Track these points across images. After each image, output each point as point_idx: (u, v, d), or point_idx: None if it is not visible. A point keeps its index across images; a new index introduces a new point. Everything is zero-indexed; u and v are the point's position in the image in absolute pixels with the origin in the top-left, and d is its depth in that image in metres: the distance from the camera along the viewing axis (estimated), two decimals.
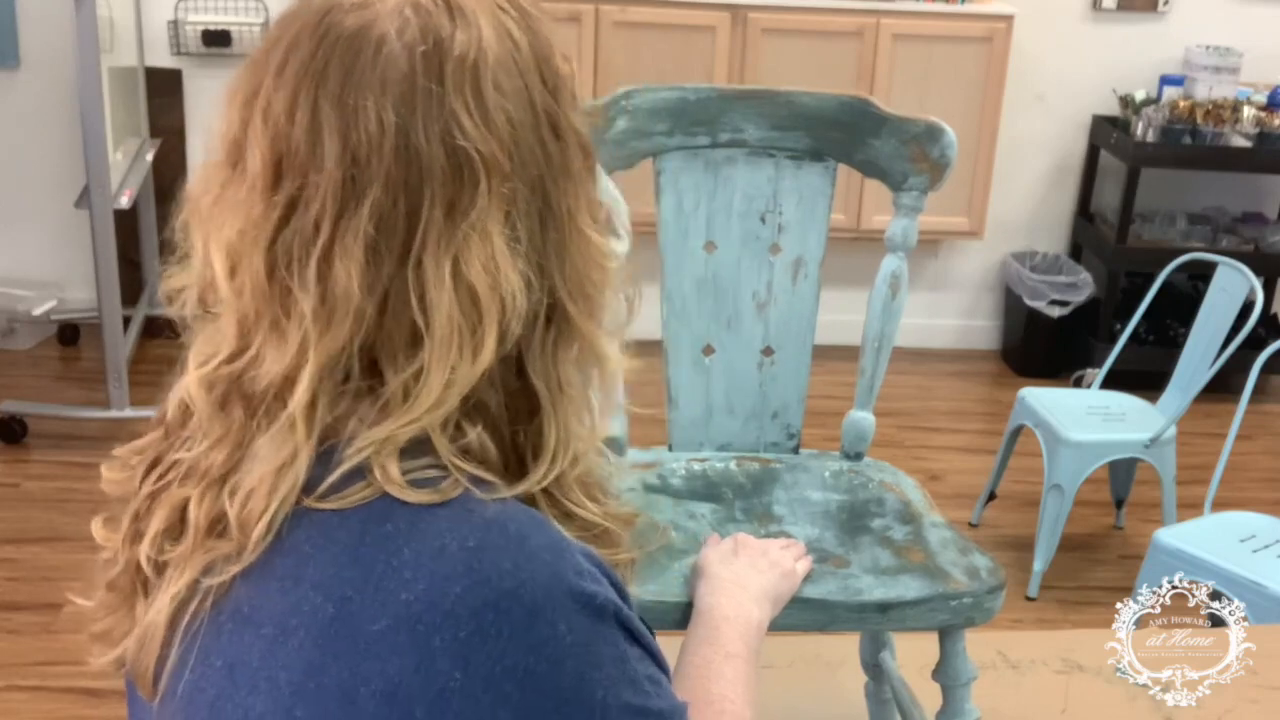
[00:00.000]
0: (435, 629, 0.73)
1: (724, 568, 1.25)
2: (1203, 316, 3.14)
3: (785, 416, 1.59)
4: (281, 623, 0.76)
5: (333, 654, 0.74)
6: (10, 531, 2.94)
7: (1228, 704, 1.63)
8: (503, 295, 0.77)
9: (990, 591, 1.31)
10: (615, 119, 1.49)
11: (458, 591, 0.74)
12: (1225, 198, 4.50)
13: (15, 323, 4.10)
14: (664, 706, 0.82)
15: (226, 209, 0.79)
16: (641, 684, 0.80)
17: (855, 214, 4.14)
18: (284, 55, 0.78)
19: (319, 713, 0.75)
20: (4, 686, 2.53)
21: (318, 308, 0.76)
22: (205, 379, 0.80)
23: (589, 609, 0.77)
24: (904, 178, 1.51)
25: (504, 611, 0.74)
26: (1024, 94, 4.33)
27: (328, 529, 0.77)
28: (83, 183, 3.44)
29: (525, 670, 0.74)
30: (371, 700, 0.74)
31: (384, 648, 0.74)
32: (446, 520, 0.76)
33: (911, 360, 4.38)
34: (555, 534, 0.79)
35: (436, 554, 0.75)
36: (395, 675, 0.73)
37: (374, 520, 0.76)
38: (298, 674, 0.75)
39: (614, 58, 3.98)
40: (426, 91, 0.76)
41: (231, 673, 0.77)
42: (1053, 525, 3.07)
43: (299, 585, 0.76)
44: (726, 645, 1.13)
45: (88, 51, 3.19)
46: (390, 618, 0.74)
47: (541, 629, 0.75)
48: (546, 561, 0.76)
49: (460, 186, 0.77)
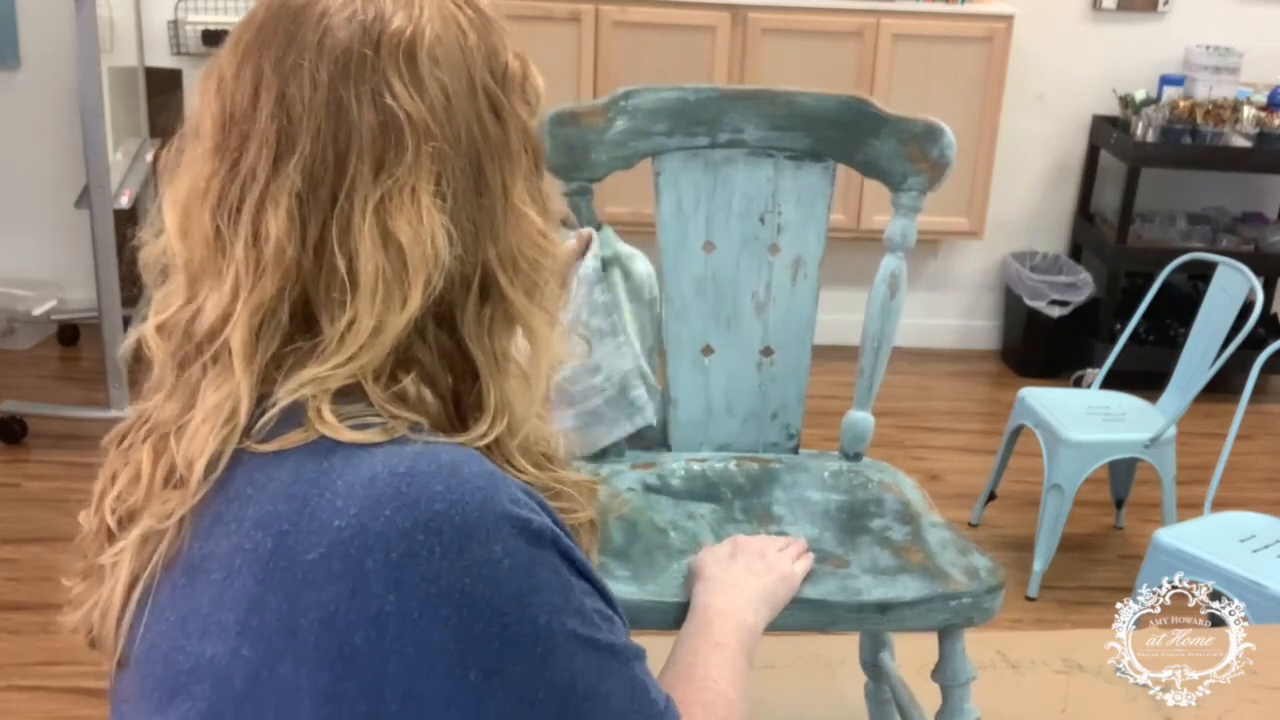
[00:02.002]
0: (367, 551, 0.74)
1: (721, 570, 1.25)
2: (1203, 316, 3.14)
3: (784, 417, 1.59)
4: (227, 565, 0.78)
5: (272, 588, 0.76)
6: (10, 531, 2.94)
7: (1228, 704, 1.63)
8: (425, 249, 0.80)
9: (990, 591, 1.31)
10: (615, 119, 1.49)
11: (387, 514, 0.75)
12: (1225, 198, 4.50)
13: (15, 323, 4.10)
14: (615, 642, 0.82)
15: (182, 171, 0.85)
16: (590, 616, 0.80)
17: (855, 214, 4.14)
18: (240, 31, 0.85)
19: (263, 648, 0.76)
20: (4, 686, 2.53)
21: (247, 254, 0.80)
22: (159, 326, 0.84)
23: (526, 533, 0.77)
24: (903, 178, 1.51)
25: (434, 531, 0.74)
26: (1024, 94, 4.33)
27: (268, 470, 0.79)
28: (83, 183, 3.44)
29: (461, 592, 0.74)
30: (311, 631, 0.74)
31: (319, 575, 0.75)
32: (381, 455, 0.78)
33: (911, 360, 4.38)
34: (491, 466, 0.80)
35: (368, 482, 0.76)
36: (331, 602, 0.74)
37: (310, 458, 0.78)
38: (242, 612, 0.76)
39: (614, 58, 3.98)
40: (361, 57, 0.81)
41: (184, 623, 0.79)
42: (1053, 525, 3.07)
43: (242, 526, 0.78)
44: (717, 637, 1.13)
45: (88, 51, 3.19)
46: (324, 545, 0.75)
47: (475, 550, 0.75)
48: (479, 486, 0.77)
49: (388, 145, 0.81)
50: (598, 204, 1.52)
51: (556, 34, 3.90)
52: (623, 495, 1.39)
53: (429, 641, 0.74)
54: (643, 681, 0.84)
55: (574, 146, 1.47)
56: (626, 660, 0.83)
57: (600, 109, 1.49)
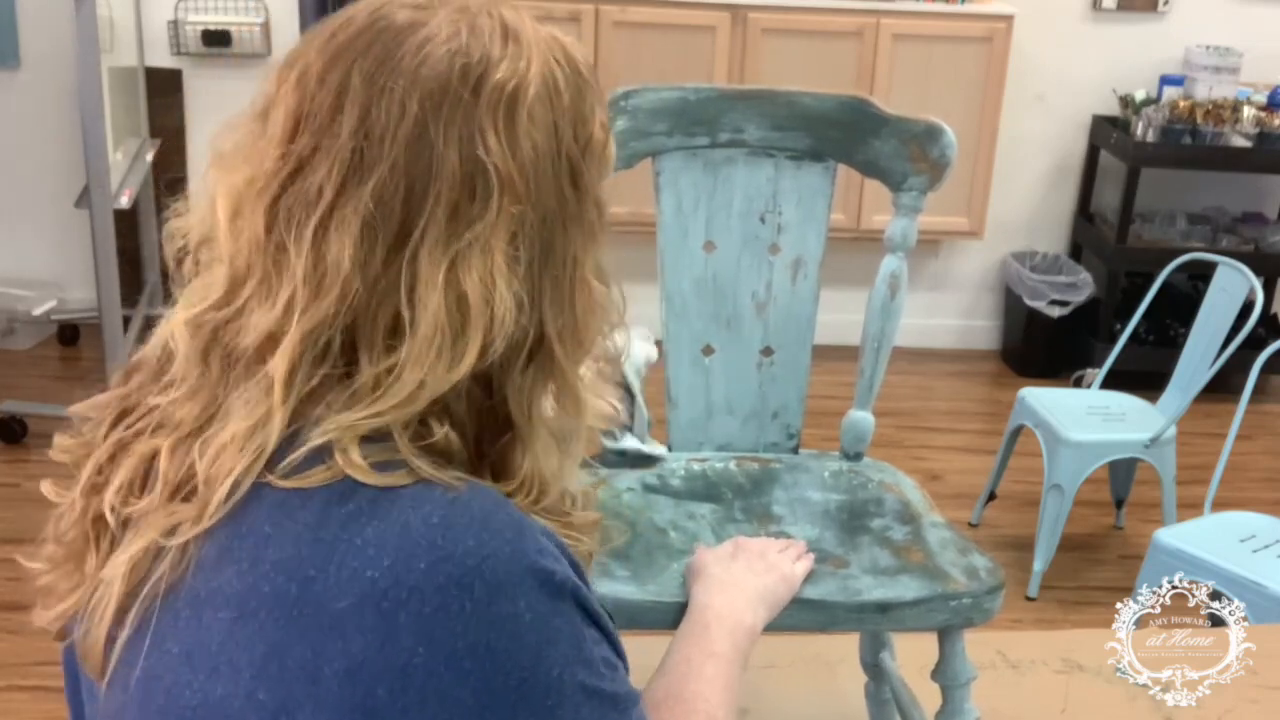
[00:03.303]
0: (401, 605, 0.73)
1: (721, 569, 1.25)
2: (1203, 316, 3.14)
3: (785, 416, 1.59)
4: (241, 605, 0.76)
5: (296, 633, 0.74)
6: (10, 531, 2.93)
7: (1228, 704, 1.63)
8: (494, 309, 0.78)
9: (990, 591, 1.31)
10: (615, 119, 1.49)
11: (422, 567, 0.74)
12: (1225, 198, 4.50)
13: (15, 323, 4.10)
14: (617, 691, 0.82)
15: (241, 157, 0.81)
16: (596, 665, 0.80)
17: (855, 214, 4.14)
18: (334, 31, 0.81)
19: (282, 694, 0.74)
20: (4, 686, 2.53)
21: (309, 272, 0.77)
22: (192, 321, 0.81)
23: (548, 587, 0.77)
24: (904, 178, 1.51)
25: (467, 588, 0.74)
26: (1024, 94, 4.33)
27: (289, 509, 0.77)
28: (83, 183, 3.44)
29: (486, 647, 0.74)
30: (335, 679, 0.73)
31: (348, 625, 0.74)
32: (409, 499, 0.76)
33: (911, 360, 4.38)
34: (516, 512, 0.79)
35: (401, 531, 0.75)
36: (359, 653, 0.73)
37: (335, 501, 0.76)
38: (259, 655, 0.75)
39: (614, 58, 3.98)
40: (457, 97, 0.78)
41: (189, 659, 0.77)
42: (1053, 525, 3.07)
43: (258, 566, 0.76)
44: (712, 645, 1.13)
45: (88, 51, 3.19)
46: (355, 595, 0.74)
47: (503, 606, 0.74)
48: (509, 539, 0.76)
49: (470, 195, 0.78)
50: None
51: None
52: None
53: (450, 695, 0.74)
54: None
55: None
56: (625, 709, 0.83)
57: None
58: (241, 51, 4.02)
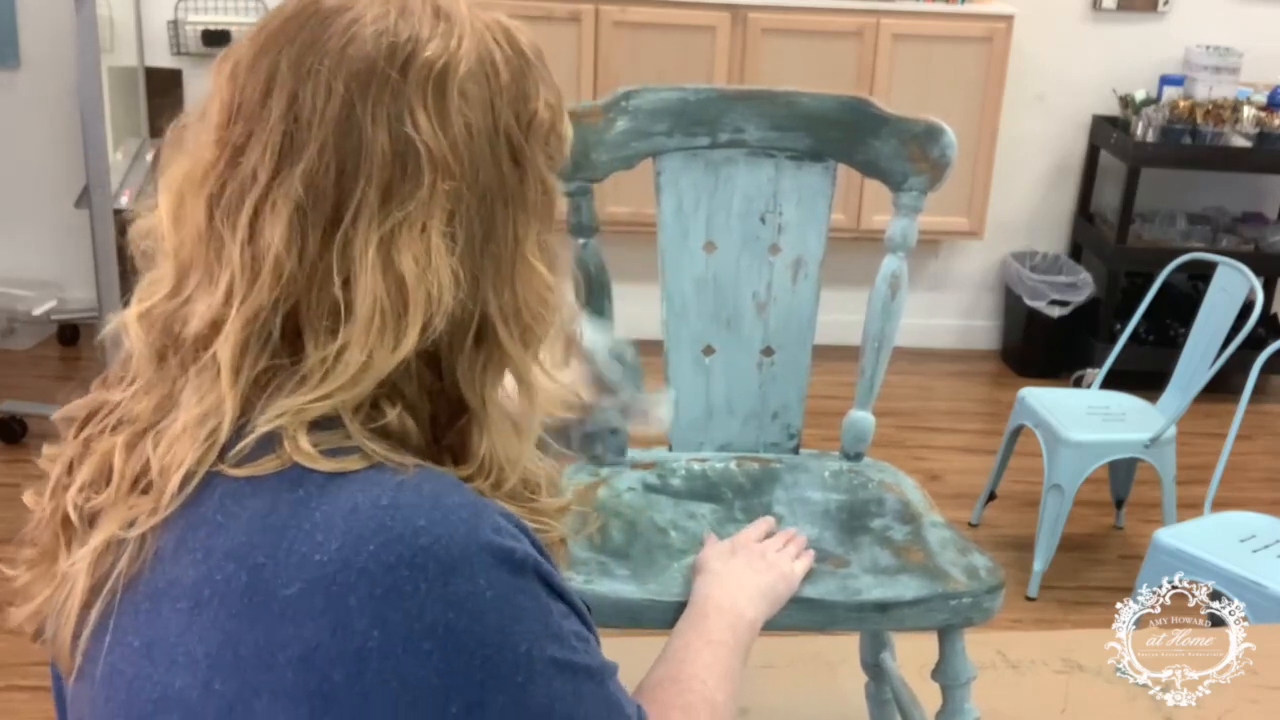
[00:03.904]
0: (350, 588, 0.73)
1: (721, 564, 1.25)
2: (1203, 316, 3.14)
3: (785, 416, 1.59)
4: (196, 595, 0.76)
5: (248, 622, 0.74)
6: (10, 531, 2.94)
7: (1228, 704, 1.63)
8: (429, 289, 0.78)
9: (990, 591, 1.31)
10: (615, 119, 1.49)
11: (371, 549, 0.73)
12: (1225, 198, 4.50)
13: (15, 323, 4.10)
14: (591, 663, 0.81)
15: (183, 154, 0.82)
16: (567, 639, 0.80)
17: (855, 214, 4.14)
18: (265, 21, 0.82)
19: (238, 683, 0.74)
20: (4, 686, 2.53)
21: (245, 258, 0.78)
22: (143, 316, 0.81)
23: (508, 563, 0.76)
24: (904, 178, 1.51)
25: (419, 567, 0.73)
26: (1024, 94, 4.33)
27: (240, 498, 0.77)
28: (83, 183, 3.44)
29: (445, 627, 0.73)
30: (289, 666, 0.73)
31: (299, 611, 0.73)
32: (359, 483, 0.76)
33: (911, 360, 4.38)
34: (471, 494, 0.79)
35: (349, 514, 0.74)
36: (311, 638, 0.73)
37: (285, 488, 0.76)
38: (214, 645, 0.75)
39: (614, 58, 3.98)
40: (384, 77, 0.78)
41: (149, 651, 0.77)
42: (1053, 525, 3.07)
43: (211, 556, 0.76)
44: (711, 633, 1.13)
45: (88, 51, 3.19)
46: (304, 580, 0.73)
47: (460, 584, 0.74)
48: (462, 518, 0.76)
49: (402, 174, 0.78)
50: (598, 204, 1.52)
51: (556, 34, 3.90)
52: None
53: (412, 676, 0.73)
54: (616, 699, 0.84)
55: (574, 147, 1.46)
56: (601, 680, 0.82)
57: (600, 109, 1.49)
58: None
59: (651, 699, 1.00)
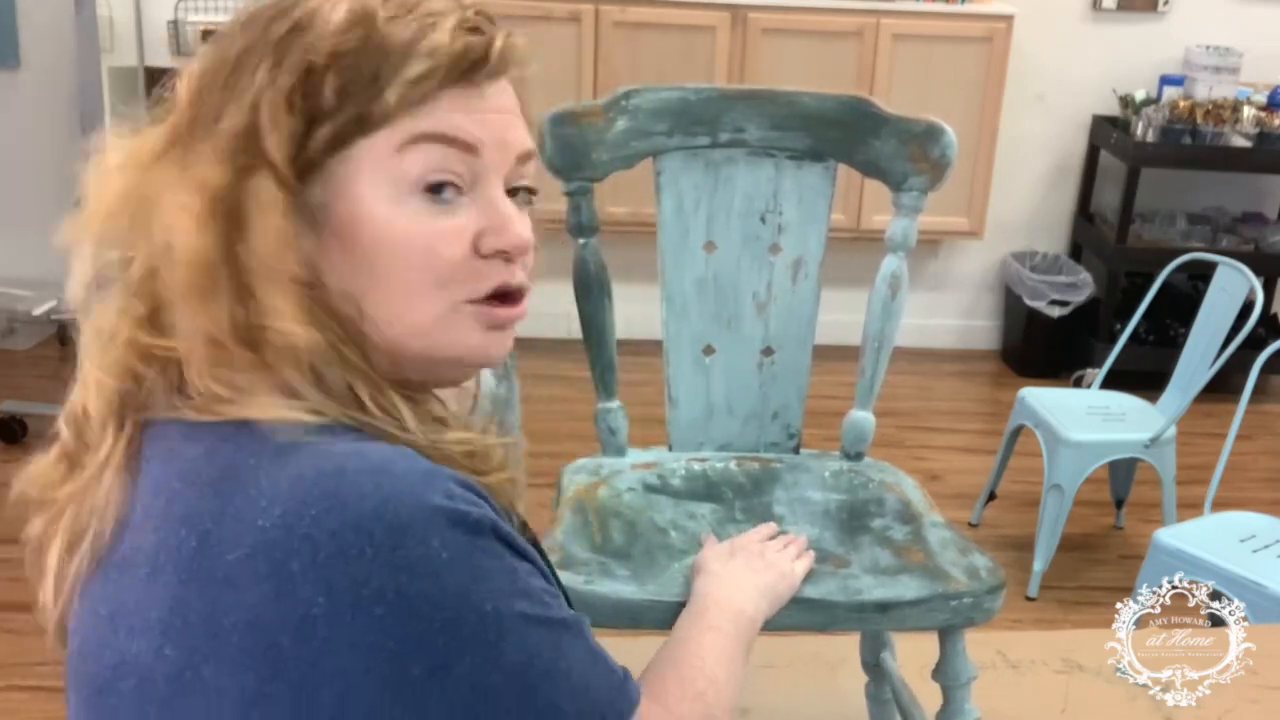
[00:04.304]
0: (293, 553, 0.72)
1: (720, 564, 1.25)
2: (1203, 316, 3.14)
3: (785, 416, 1.59)
4: (153, 561, 0.77)
5: (196, 588, 0.74)
6: (10, 531, 2.94)
7: (1228, 704, 1.63)
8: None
9: (990, 591, 1.31)
10: (615, 119, 1.49)
11: (314, 514, 0.73)
12: (1225, 198, 4.50)
13: (15, 323, 4.10)
14: (565, 616, 0.81)
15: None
16: (538, 595, 0.79)
17: (855, 214, 4.14)
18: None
19: (186, 649, 0.74)
20: (4, 686, 2.53)
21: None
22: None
23: (463, 525, 0.76)
24: (904, 178, 1.51)
25: (365, 532, 0.73)
26: (1024, 94, 4.33)
27: (196, 466, 0.78)
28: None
29: (397, 591, 0.73)
30: (235, 632, 0.73)
31: (243, 577, 0.73)
32: (309, 452, 0.76)
33: (911, 360, 4.38)
34: (425, 464, 0.78)
35: (294, 480, 0.74)
36: (255, 604, 0.73)
37: (241, 454, 0.77)
38: (165, 610, 0.75)
39: (614, 58, 3.98)
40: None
41: (112, 620, 0.78)
42: (1053, 525, 3.07)
43: (167, 522, 0.77)
44: (710, 622, 1.13)
45: (88, 51, 3.19)
46: (248, 546, 0.73)
47: (411, 547, 0.73)
48: (411, 484, 0.75)
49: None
50: (598, 204, 1.52)
51: (556, 34, 3.90)
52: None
53: (364, 642, 0.72)
54: (600, 651, 0.83)
55: (574, 146, 1.47)
56: (580, 632, 0.82)
57: (600, 109, 1.49)
58: None
59: (647, 679, 1.00)
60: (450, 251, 0.83)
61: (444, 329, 0.85)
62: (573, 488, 1.45)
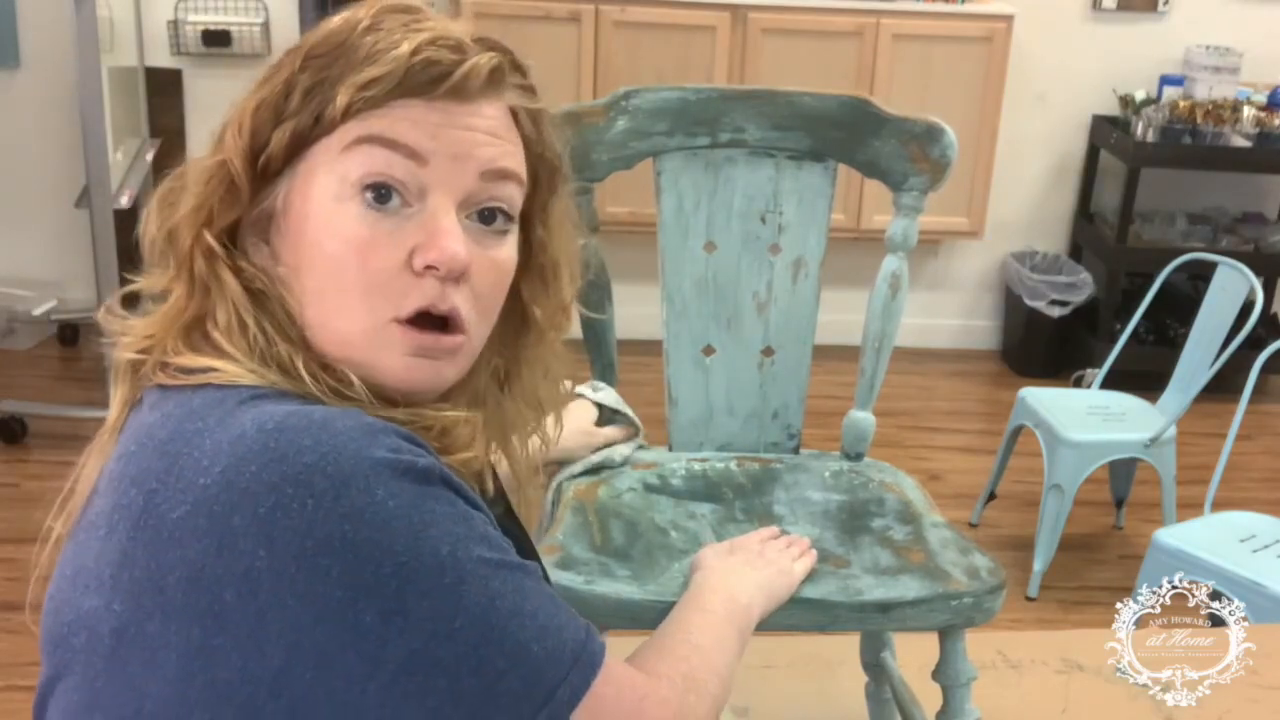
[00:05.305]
0: (234, 508, 0.73)
1: (719, 561, 1.25)
2: (1203, 316, 3.14)
3: (785, 416, 1.59)
4: (109, 521, 0.79)
5: (141, 545, 0.76)
6: (10, 531, 2.93)
7: (1228, 704, 1.63)
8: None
9: (990, 591, 1.31)
10: (615, 119, 1.49)
11: (253, 469, 0.74)
12: (1225, 198, 4.50)
13: (15, 323, 4.10)
14: (525, 563, 0.81)
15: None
16: (496, 542, 0.80)
17: (855, 214, 4.14)
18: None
19: (133, 605, 0.76)
20: (4, 686, 2.53)
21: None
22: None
23: (410, 474, 0.76)
24: (904, 178, 1.51)
25: (305, 484, 0.73)
26: (1024, 94, 4.33)
27: (150, 429, 0.80)
28: (83, 183, 3.44)
29: (342, 540, 0.73)
30: (179, 588, 0.74)
31: (185, 533, 0.74)
32: (252, 413, 0.78)
33: (911, 360, 4.38)
34: (370, 420, 0.79)
35: (235, 440, 0.76)
36: (197, 559, 0.74)
37: (188, 419, 0.79)
38: (115, 567, 0.77)
39: (614, 58, 3.98)
40: None
41: (74, 579, 0.81)
42: (1053, 525, 3.07)
43: (121, 482, 0.79)
44: (704, 603, 1.13)
45: (88, 51, 3.19)
46: (190, 503, 0.75)
47: (355, 497, 0.74)
48: (353, 437, 0.76)
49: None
50: (598, 204, 1.52)
51: (556, 34, 3.90)
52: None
53: (312, 593, 0.73)
54: (562, 601, 0.84)
55: (574, 146, 1.46)
56: (541, 579, 0.82)
57: (600, 109, 1.49)
58: (241, 52, 4.02)
59: (632, 657, 0.99)
60: (380, 260, 0.83)
61: (369, 345, 0.85)
62: (572, 488, 1.45)
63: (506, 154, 0.88)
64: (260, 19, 4.02)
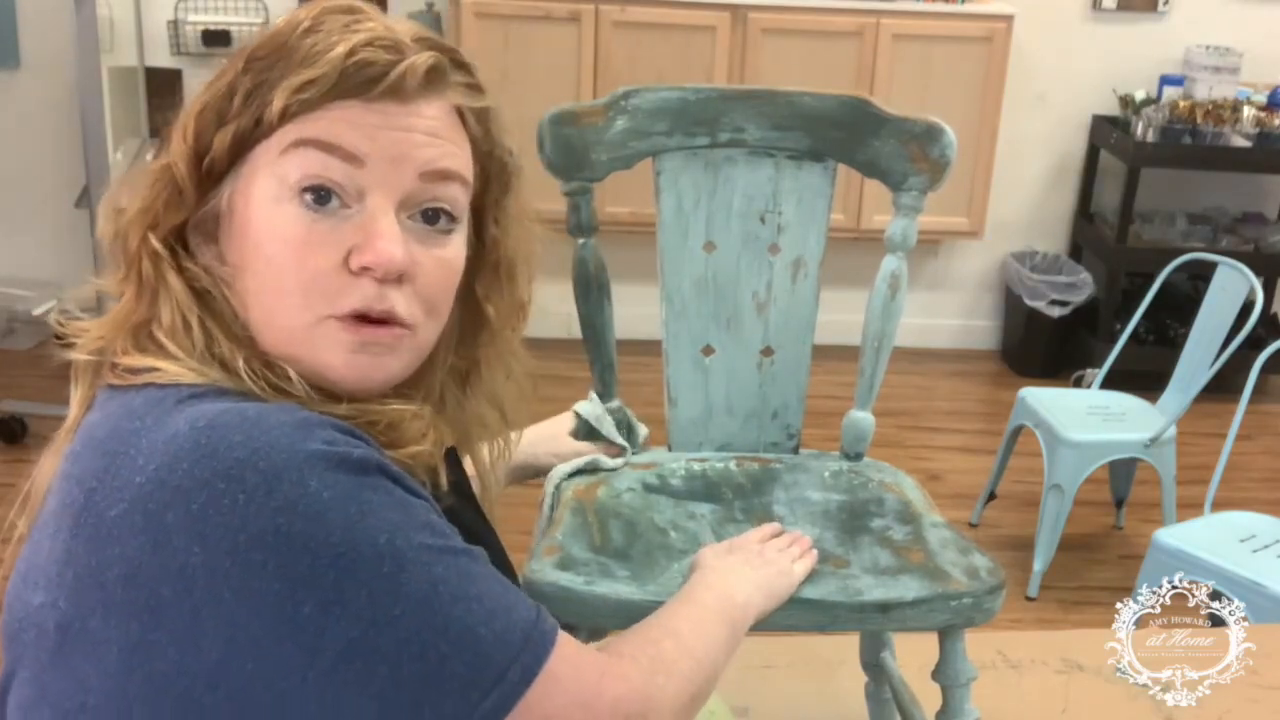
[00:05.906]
0: (167, 505, 0.74)
1: (717, 560, 1.25)
2: (1203, 316, 3.14)
3: (785, 416, 1.59)
4: (57, 520, 0.81)
5: (82, 543, 0.77)
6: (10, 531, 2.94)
7: (1228, 704, 1.63)
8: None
9: (990, 591, 1.31)
10: (615, 119, 1.49)
11: (185, 467, 0.75)
12: (1225, 198, 4.50)
13: (15, 323, 4.10)
14: (470, 548, 0.82)
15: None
16: (439, 528, 0.80)
17: (855, 214, 4.14)
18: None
19: (76, 601, 0.77)
20: None
21: None
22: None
23: (345, 465, 0.77)
24: (904, 178, 1.51)
25: (235, 479, 0.74)
26: (1024, 94, 4.33)
27: (93, 429, 0.82)
28: (83, 183, 3.44)
29: (276, 533, 0.73)
30: (117, 585, 0.75)
31: (123, 531, 0.76)
32: (188, 412, 0.79)
33: (911, 360, 4.38)
34: (306, 415, 0.80)
35: (170, 438, 0.77)
36: (134, 557, 0.75)
37: (126, 418, 0.80)
38: (60, 565, 0.79)
39: (614, 58, 3.98)
40: None
41: (26, 577, 0.82)
42: (1053, 525, 3.07)
43: (67, 482, 0.81)
44: (691, 598, 1.12)
45: (88, 51, 3.19)
46: (126, 501, 0.76)
47: (288, 490, 0.74)
48: (285, 432, 0.77)
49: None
50: (598, 204, 1.52)
51: (556, 34, 3.90)
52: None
53: (247, 588, 0.73)
54: (511, 585, 0.83)
55: (574, 146, 1.47)
56: (487, 563, 0.82)
57: (600, 109, 1.49)
58: None
59: (603, 641, 1.00)
60: (317, 261, 0.84)
61: (310, 342, 0.86)
62: (571, 488, 1.45)
63: (447, 154, 0.88)
64: (260, 19, 4.02)
